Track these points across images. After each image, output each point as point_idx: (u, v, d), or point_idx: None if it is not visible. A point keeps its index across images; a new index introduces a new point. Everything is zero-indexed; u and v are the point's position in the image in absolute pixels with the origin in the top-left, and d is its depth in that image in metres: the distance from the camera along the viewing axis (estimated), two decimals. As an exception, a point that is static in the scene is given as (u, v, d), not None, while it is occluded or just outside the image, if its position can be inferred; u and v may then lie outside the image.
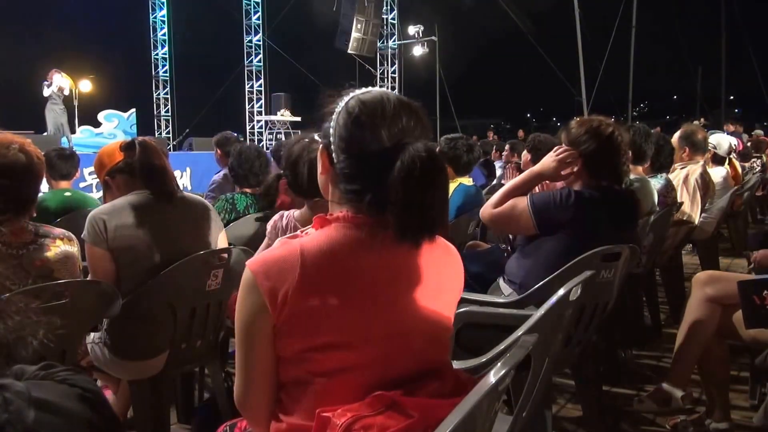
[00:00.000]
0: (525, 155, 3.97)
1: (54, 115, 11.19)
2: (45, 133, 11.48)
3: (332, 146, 1.10)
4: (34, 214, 1.95)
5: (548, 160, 2.27)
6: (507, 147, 6.47)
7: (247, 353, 1.08)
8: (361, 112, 1.07)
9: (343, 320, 1.03)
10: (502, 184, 4.85)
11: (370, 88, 1.13)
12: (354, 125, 1.07)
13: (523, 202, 2.22)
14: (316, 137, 1.19)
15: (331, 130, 1.10)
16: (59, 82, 11.19)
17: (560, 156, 2.24)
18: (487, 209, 2.31)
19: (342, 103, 1.11)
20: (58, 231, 1.93)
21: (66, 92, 11.52)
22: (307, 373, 1.05)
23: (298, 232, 1.15)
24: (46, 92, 11.12)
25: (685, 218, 3.82)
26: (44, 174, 1.96)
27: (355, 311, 1.04)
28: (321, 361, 1.04)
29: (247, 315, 1.05)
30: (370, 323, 1.05)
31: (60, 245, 1.90)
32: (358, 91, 1.12)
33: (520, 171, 4.05)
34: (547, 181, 2.59)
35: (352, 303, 1.04)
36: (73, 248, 1.96)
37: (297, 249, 1.04)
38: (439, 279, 1.14)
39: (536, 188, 2.45)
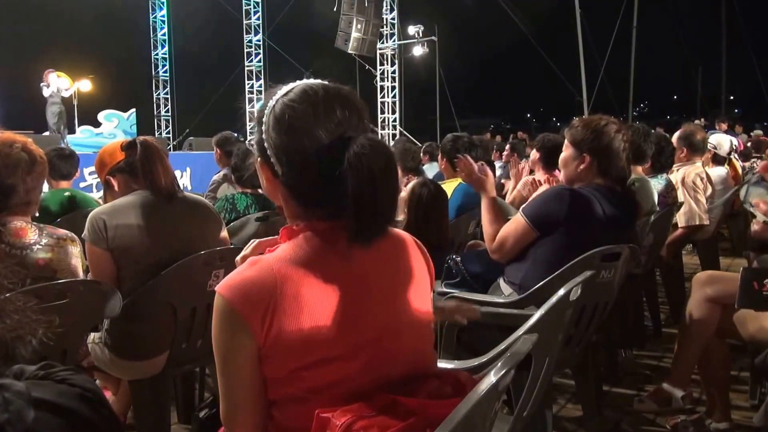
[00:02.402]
0: (534, 154, 3.95)
1: (52, 116, 11.19)
2: (45, 133, 11.48)
3: (271, 159, 1.04)
4: (37, 214, 1.95)
5: (472, 180, 2.45)
6: (507, 147, 6.48)
7: (230, 379, 1.03)
8: (291, 117, 1.01)
9: (332, 333, 1.00)
10: (503, 184, 4.85)
11: (291, 85, 1.06)
12: (287, 133, 1.02)
13: (516, 218, 2.25)
14: (252, 149, 1.13)
15: (264, 143, 1.04)
16: (56, 81, 11.18)
17: (466, 168, 2.44)
18: (491, 251, 2.33)
19: (268, 109, 1.04)
20: (62, 232, 1.93)
21: (67, 93, 11.50)
22: (302, 391, 1.02)
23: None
24: (47, 93, 11.11)
25: (697, 222, 3.82)
26: (47, 174, 1.96)
27: (342, 321, 1.01)
28: (314, 377, 1.01)
29: (226, 343, 1.01)
30: (359, 330, 1.03)
31: (63, 246, 1.89)
32: (279, 93, 1.05)
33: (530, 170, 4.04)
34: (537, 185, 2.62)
35: (339, 313, 1.01)
36: (77, 249, 1.95)
37: (271, 267, 1.00)
38: (411, 271, 1.13)
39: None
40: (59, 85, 11.25)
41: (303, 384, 1.01)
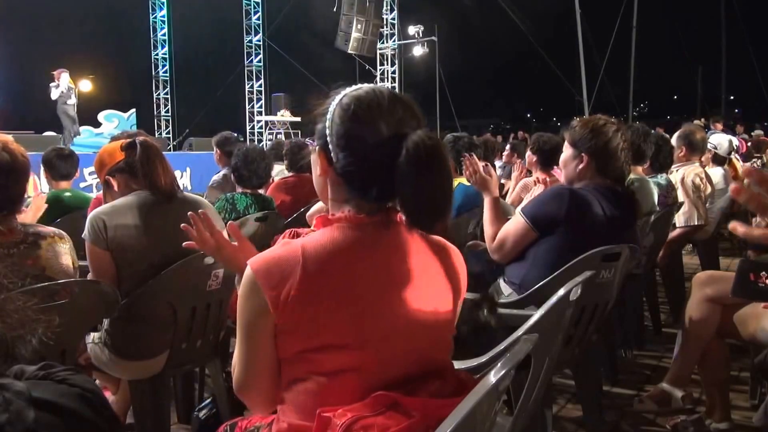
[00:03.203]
0: (529, 156, 3.95)
1: (65, 117, 11.15)
2: (46, 133, 11.47)
3: (330, 145, 1.09)
4: (23, 213, 1.93)
5: (476, 179, 2.44)
6: (507, 147, 6.47)
7: (248, 348, 1.08)
8: (357, 107, 1.07)
9: (344, 321, 1.03)
10: (502, 185, 4.85)
11: (360, 85, 1.12)
12: (351, 121, 1.07)
13: (516, 218, 2.25)
14: (309, 141, 1.17)
15: (327, 130, 1.09)
16: (68, 81, 11.15)
17: (471, 167, 2.43)
18: (492, 251, 2.35)
19: (335, 102, 1.09)
20: (49, 229, 1.91)
21: (74, 92, 11.45)
22: (308, 373, 1.05)
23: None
24: (56, 94, 11.02)
25: (696, 222, 3.83)
26: (30, 172, 1.93)
27: (356, 312, 1.04)
28: (321, 361, 1.03)
29: (248, 313, 1.06)
30: (371, 324, 1.05)
31: (51, 243, 1.88)
32: (349, 89, 1.11)
33: (528, 171, 4.05)
34: (542, 183, 2.62)
35: (353, 304, 1.04)
36: (65, 245, 1.93)
37: (298, 249, 1.04)
38: (441, 279, 1.13)
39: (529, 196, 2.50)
40: (70, 85, 11.20)
41: (310, 366, 1.04)
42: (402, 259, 1.09)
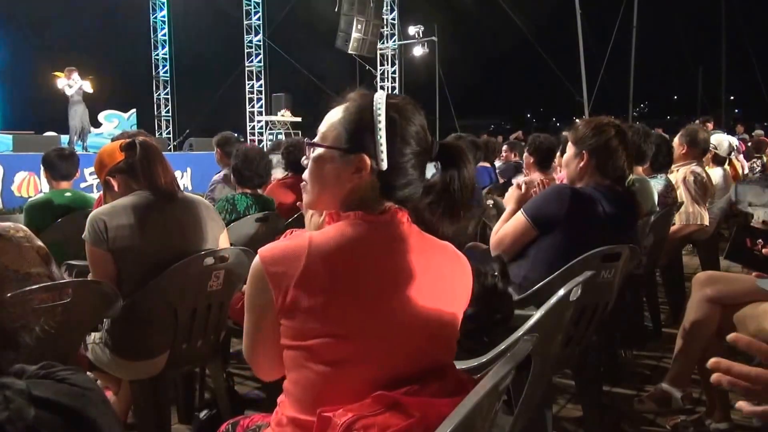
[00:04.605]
0: (527, 157, 3.95)
1: (76, 116, 11.15)
2: (47, 133, 11.45)
3: (376, 145, 1.10)
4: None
5: (517, 194, 2.41)
6: (505, 147, 6.47)
7: (254, 324, 1.13)
8: (410, 108, 1.14)
9: (345, 311, 1.04)
10: (500, 184, 4.84)
11: (383, 92, 1.17)
12: (406, 121, 1.13)
13: (517, 216, 2.26)
14: (316, 143, 1.16)
15: (378, 125, 1.10)
16: (79, 80, 11.14)
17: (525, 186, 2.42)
18: (492, 247, 2.35)
19: (380, 103, 1.12)
20: (3, 225, 1.88)
21: (88, 90, 11.43)
22: (307, 362, 1.06)
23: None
24: (70, 92, 11.00)
25: (698, 222, 3.83)
26: None
27: (358, 304, 1.05)
28: (320, 350, 1.04)
29: (254, 298, 1.10)
30: (373, 318, 1.06)
31: (9, 237, 1.84)
32: (383, 95, 1.14)
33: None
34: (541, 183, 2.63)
35: (355, 296, 1.05)
36: (22, 235, 1.88)
37: (306, 241, 1.06)
38: (447, 282, 1.15)
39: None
40: (81, 84, 11.20)
41: (309, 355, 1.05)
42: (407, 257, 1.10)
